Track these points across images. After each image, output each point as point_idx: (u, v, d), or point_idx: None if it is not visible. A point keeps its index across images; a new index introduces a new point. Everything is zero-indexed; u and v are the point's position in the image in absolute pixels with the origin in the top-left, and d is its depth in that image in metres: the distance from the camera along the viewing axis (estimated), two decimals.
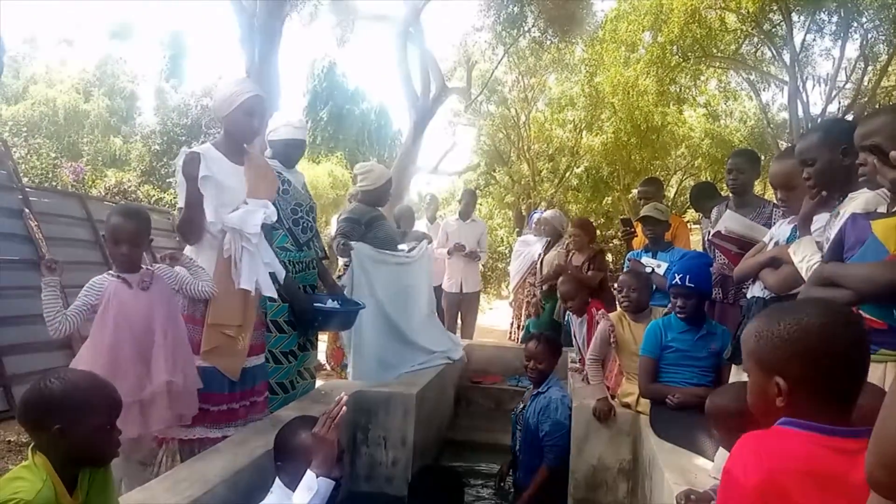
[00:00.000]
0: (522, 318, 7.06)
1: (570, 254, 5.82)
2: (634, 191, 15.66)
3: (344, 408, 2.18)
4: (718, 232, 3.27)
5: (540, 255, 6.38)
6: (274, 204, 3.12)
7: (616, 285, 3.89)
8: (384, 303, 4.18)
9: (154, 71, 23.59)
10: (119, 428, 1.78)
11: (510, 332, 7.32)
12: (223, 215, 2.86)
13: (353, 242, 4.00)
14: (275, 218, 3.01)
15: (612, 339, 3.57)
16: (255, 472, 2.60)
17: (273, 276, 3.08)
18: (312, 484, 2.05)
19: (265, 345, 3.26)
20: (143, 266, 2.73)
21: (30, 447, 1.68)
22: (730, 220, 3.27)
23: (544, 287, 6.10)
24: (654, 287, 3.89)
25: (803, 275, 2.25)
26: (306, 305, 3.45)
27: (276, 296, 3.16)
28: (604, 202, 18.72)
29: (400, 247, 4.61)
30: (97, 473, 1.78)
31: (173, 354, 2.65)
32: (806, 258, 2.25)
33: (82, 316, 2.62)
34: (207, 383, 2.87)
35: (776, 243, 2.72)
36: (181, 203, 2.89)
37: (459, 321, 7.18)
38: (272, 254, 3.11)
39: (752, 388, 1.31)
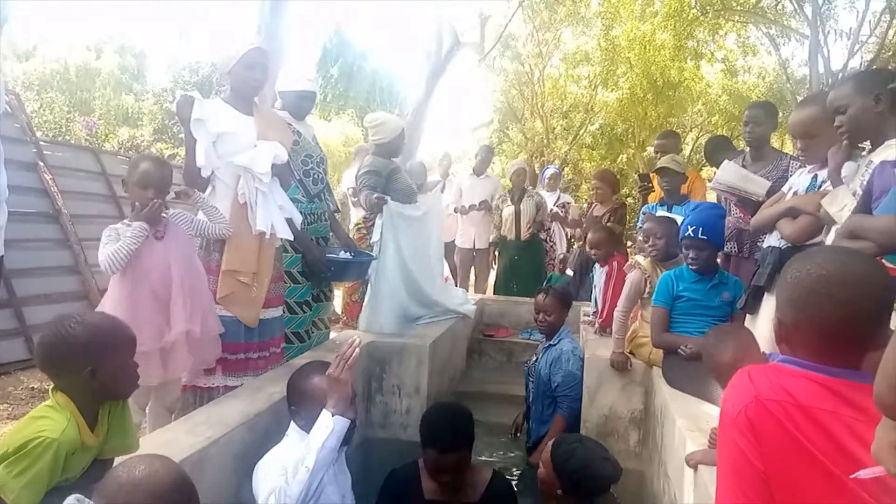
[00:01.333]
0: None
1: (593, 205, 5.86)
2: (650, 148, 15.45)
3: (357, 350, 2.20)
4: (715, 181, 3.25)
5: (497, 205, 6.57)
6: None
7: (641, 235, 3.84)
8: (407, 258, 4.19)
9: (166, 28, 23.34)
10: (137, 362, 1.82)
11: None
12: (233, 158, 2.87)
13: (387, 198, 4.00)
14: (286, 158, 3.00)
15: (646, 289, 3.51)
16: (273, 416, 2.65)
17: (290, 221, 3.09)
18: (328, 422, 2.09)
19: (283, 297, 3.29)
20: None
21: (50, 388, 1.71)
22: (722, 171, 3.22)
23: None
24: None
25: (841, 224, 2.22)
26: (319, 256, 3.47)
27: (291, 238, 3.18)
28: (618, 160, 18.50)
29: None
30: (116, 409, 1.82)
31: (192, 302, 2.69)
32: (846, 207, 2.21)
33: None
34: (224, 333, 2.91)
35: (795, 193, 2.69)
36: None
37: (473, 276, 7.21)
38: (286, 197, 3.12)
39: (773, 323, 1.33)
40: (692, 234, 3.16)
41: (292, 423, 2.32)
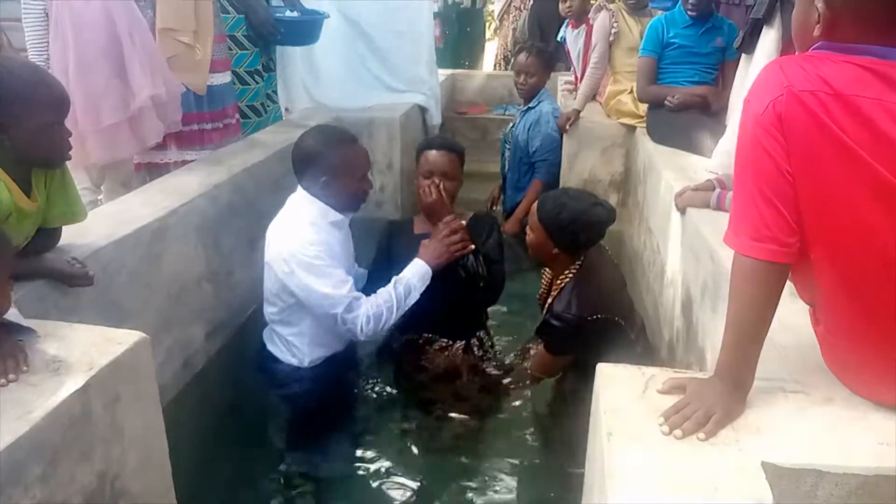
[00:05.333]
0: (508, 48, 6.66)
1: None
2: None
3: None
4: None
5: None
6: None
7: None
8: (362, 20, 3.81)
9: None
10: (69, 130, 1.58)
11: (495, 64, 6.92)
12: None
13: None
14: None
15: (612, 29, 3.29)
16: (235, 189, 2.49)
17: None
18: (427, 277, 2.06)
19: (230, 61, 2.97)
20: None
21: None
22: None
23: None
24: None
25: None
26: (264, 16, 3.06)
27: None
28: None
29: None
30: (54, 176, 1.63)
31: (149, 62, 2.40)
32: None
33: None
34: None
35: None
36: None
37: None
38: None
39: (796, 18, 1.11)
40: None
41: (301, 188, 2.05)
